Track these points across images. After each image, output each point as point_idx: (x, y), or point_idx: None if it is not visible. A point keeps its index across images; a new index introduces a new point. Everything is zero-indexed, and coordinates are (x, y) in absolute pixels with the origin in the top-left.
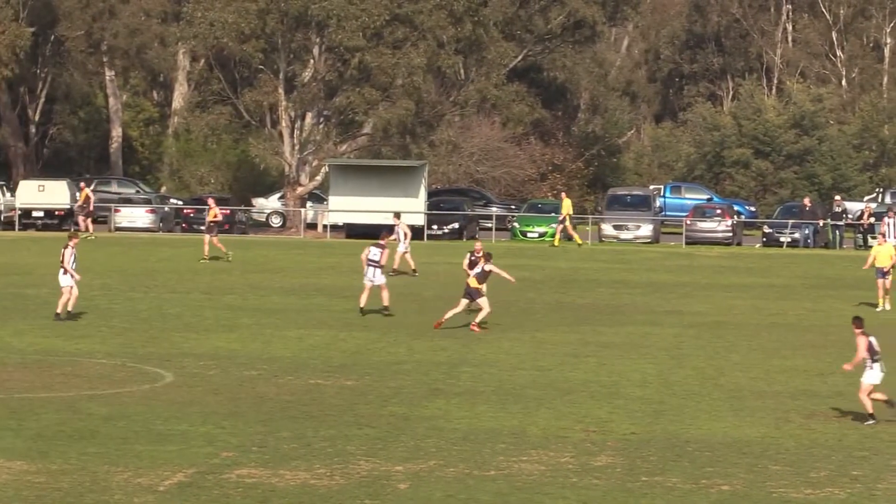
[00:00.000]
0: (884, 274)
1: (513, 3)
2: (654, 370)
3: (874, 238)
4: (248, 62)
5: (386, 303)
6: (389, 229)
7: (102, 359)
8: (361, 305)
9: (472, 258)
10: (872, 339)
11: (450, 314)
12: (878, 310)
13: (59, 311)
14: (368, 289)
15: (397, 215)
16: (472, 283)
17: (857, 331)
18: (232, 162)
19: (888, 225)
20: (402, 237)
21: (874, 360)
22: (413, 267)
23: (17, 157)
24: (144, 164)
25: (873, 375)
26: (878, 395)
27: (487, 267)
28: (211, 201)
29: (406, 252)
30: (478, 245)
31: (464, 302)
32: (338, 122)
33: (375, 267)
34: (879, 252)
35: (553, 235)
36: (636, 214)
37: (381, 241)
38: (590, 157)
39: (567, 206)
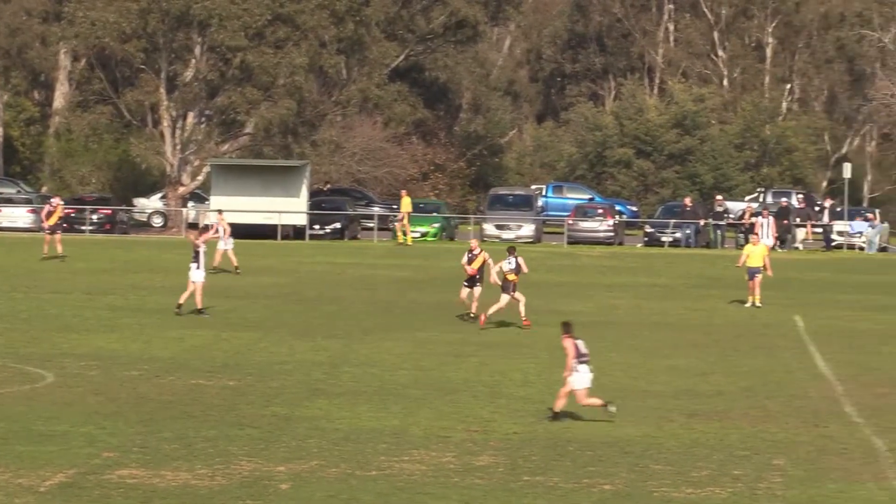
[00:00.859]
0: (755, 273)
1: (395, 3)
2: (536, 369)
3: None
4: (130, 62)
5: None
6: (206, 227)
7: None
8: (180, 302)
9: (470, 256)
10: (580, 342)
11: (493, 310)
12: (746, 305)
13: None
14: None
15: (220, 212)
16: (510, 276)
17: (565, 335)
18: (113, 162)
19: (762, 225)
20: (223, 234)
21: (581, 363)
22: (235, 265)
23: None
24: (25, 164)
25: (581, 378)
26: (594, 401)
27: (491, 261)
28: (56, 200)
29: (228, 249)
30: (473, 243)
31: (504, 297)
32: (219, 122)
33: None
34: (752, 252)
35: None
36: (518, 214)
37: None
38: (472, 157)
39: (406, 204)
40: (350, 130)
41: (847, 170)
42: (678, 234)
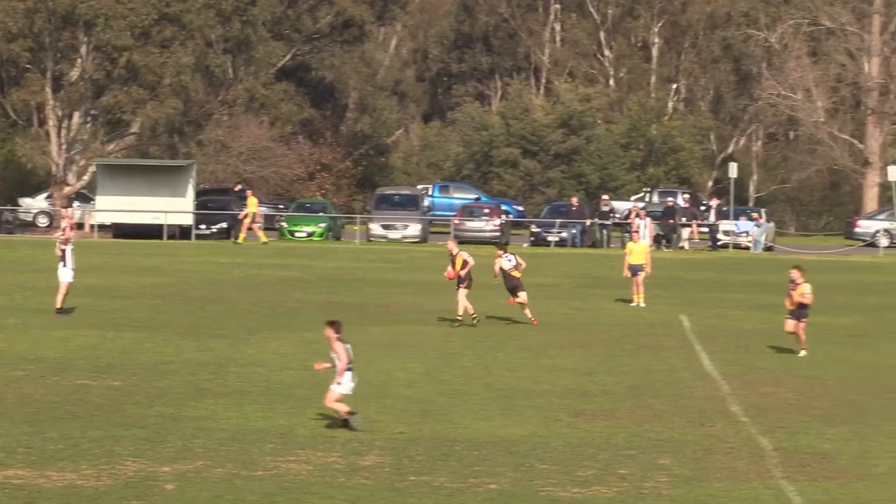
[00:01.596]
0: (638, 271)
1: (281, 3)
2: (422, 369)
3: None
4: (16, 61)
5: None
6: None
7: None
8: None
9: (453, 258)
10: (349, 346)
11: (528, 312)
12: (632, 304)
13: None
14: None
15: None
16: (515, 273)
17: (335, 336)
18: None
19: (639, 226)
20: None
21: (348, 370)
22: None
23: None
24: None
25: (346, 386)
26: (341, 407)
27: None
28: None
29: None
30: (450, 244)
31: (522, 294)
32: (105, 122)
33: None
34: (634, 250)
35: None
36: (404, 214)
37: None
38: (358, 157)
39: (252, 203)
40: (236, 130)
41: (733, 169)
42: (564, 234)
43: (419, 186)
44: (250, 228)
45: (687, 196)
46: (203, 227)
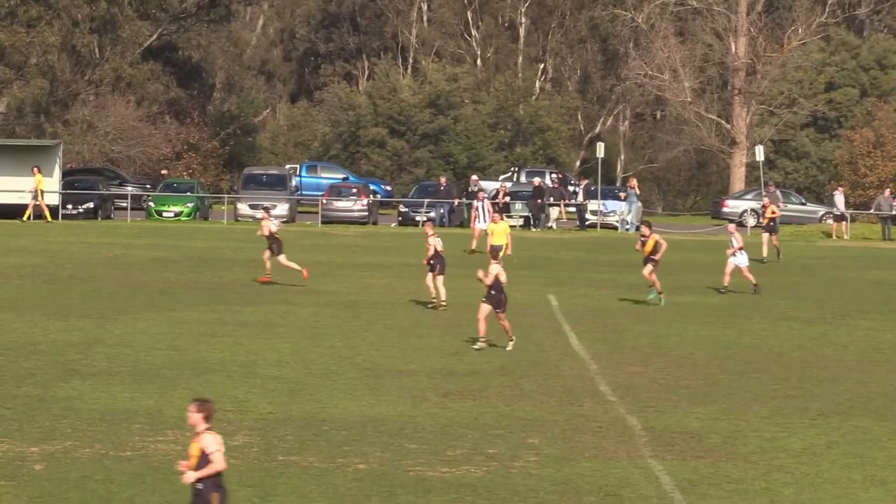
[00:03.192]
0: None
1: None
2: (291, 349)
3: (509, 217)
4: None
5: None
6: None
7: None
8: None
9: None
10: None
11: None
12: None
13: None
14: None
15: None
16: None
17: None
18: None
19: (478, 209)
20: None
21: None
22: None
23: None
24: None
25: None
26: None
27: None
28: None
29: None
30: (427, 228)
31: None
32: None
33: None
34: (495, 230)
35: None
36: (272, 194)
37: None
38: (225, 137)
39: (38, 180)
40: (103, 110)
41: (600, 149)
42: (432, 214)
43: (287, 166)
44: (38, 205)
45: (555, 176)
46: (70, 206)
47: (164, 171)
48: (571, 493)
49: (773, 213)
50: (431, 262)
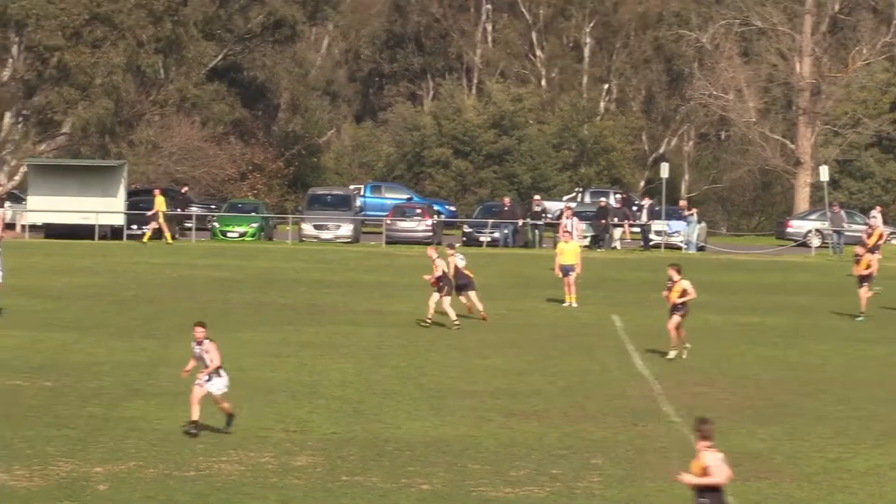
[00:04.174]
0: (569, 271)
1: (213, 3)
2: (355, 369)
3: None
4: None
5: None
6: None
7: None
8: None
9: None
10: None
11: (480, 307)
12: (564, 305)
13: None
14: None
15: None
16: (468, 272)
17: (205, 339)
18: None
19: (565, 226)
20: None
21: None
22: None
23: None
24: None
25: (223, 382)
26: (226, 405)
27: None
28: None
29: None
30: (430, 251)
31: (472, 294)
32: (37, 122)
33: None
34: (565, 250)
35: (255, 234)
36: (336, 214)
37: None
38: (290, 157)
39: (160, 203)
40: (168, 130)
41: (665, 169)
42: (496, 234)
43: (351, 187)
44: (158, 227)
45: (619, 196)
46: (135, 227)
47: (184, 189)
48: None
49: (881, 234)
50: (440, 283)
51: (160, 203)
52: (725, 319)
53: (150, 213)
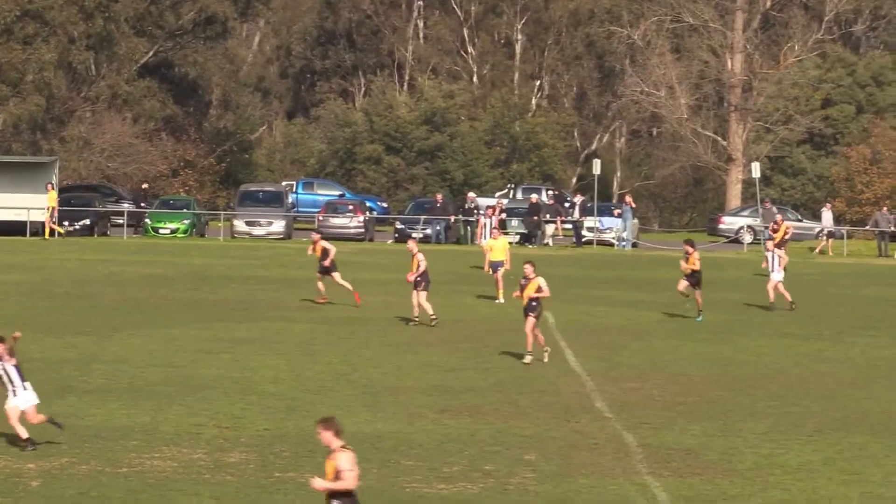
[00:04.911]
0: (498, 267)
1: None
2: (287, 366)
3: (506, 233)
4: None
5: None
6: None
7: None
8: None
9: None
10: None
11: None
12: (497, 301)
13: None
14: None
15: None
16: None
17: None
18: None
19: (484, 225)
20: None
21: (24, 382)
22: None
23: None
24: None
25: (28, 397)
26: (41, 417)
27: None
28: None
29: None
30: (410, 244)
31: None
32: None
33: None
34: (494, 246)
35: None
36: (268, 210)
37: None
38: (222, 153)
39: (52, 198)
40: (99, 127)
41: (597, 166)
42: (429, 231)
43: (283, 183)
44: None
45: (551, 193)
46: (66, 223)
47: (144, 185)
48: None
49: (787, 229)
50: (418, 278)
51: (52, 198)
52: (657, 316)
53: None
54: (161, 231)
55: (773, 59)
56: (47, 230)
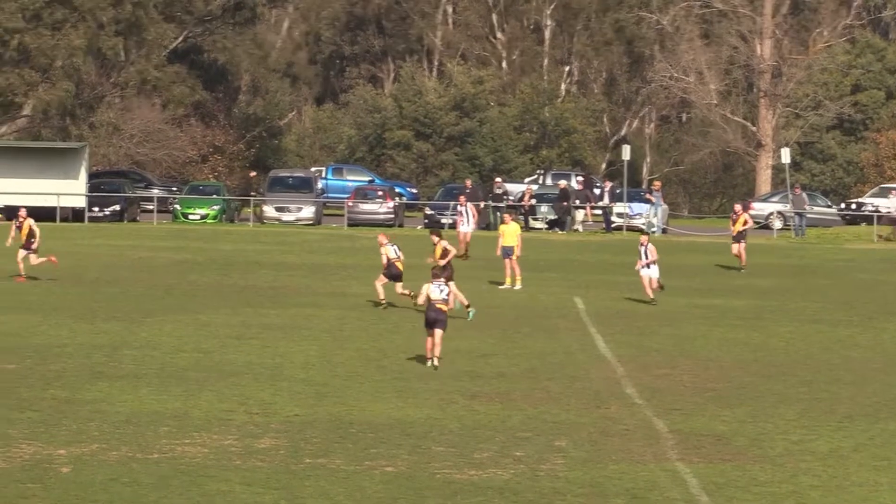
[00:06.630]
0: (509, 253)
1: None
2: (318, 352)
3: (535, 219)
4: None
5: None
6: None
7: None
8: None
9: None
10: None
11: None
12: (501, 287)
13: None
14: None
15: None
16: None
17: None
18: None
19: (462, 213)
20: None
21: None
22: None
23: None
24: None
25: None
26: None
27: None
28: None
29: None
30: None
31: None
32: None
33: None
34: (506, 231)
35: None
36: (298, 196)
37: None
38: (251, 139)
39: None
40: (129, 112)
41: (626, 152)
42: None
43: (312, 169)
44: None
45: (580, 178)
46: (96, 209)
47: (252, 174)
48: (598, 495)
49: (746, 222)
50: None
51: None
52: (687, 302)
53: None
54: (190, 217)
55: (802, 44)
56: None
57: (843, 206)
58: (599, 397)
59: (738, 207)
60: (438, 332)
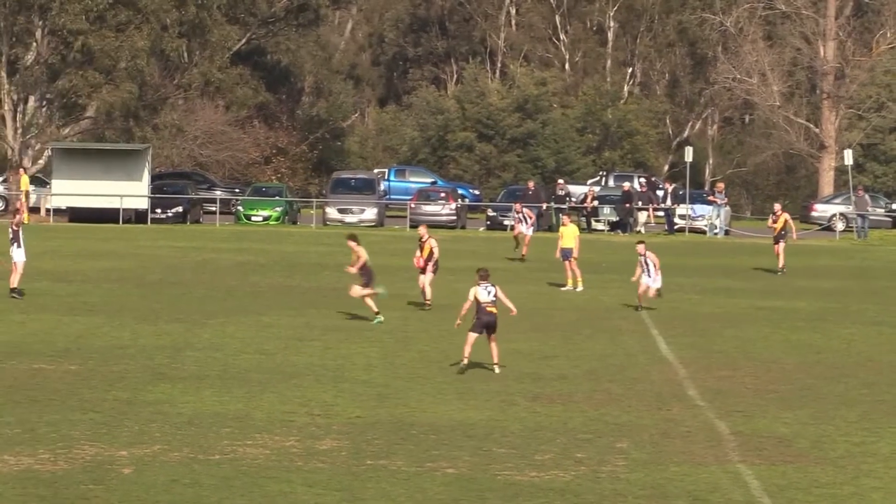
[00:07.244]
0: (568, 255)
1: None
2: (379, 353)
3: (598, 221)
4: None
5: None
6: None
7: None
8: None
9: (422, 243)
10: None
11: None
12: (563, 289)
13: None
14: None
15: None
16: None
17: None
18: None
19: (521, 220)
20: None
21: None
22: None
23: None
24: None
25: None
26: None
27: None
28: None
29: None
30: (422, 230)
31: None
32: (61, 106)
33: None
34: (565, 233)
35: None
36: (360, 198)
37: None
38: (314, 141)
39: (24, 182)
40: (192, 114)
41: (689, 153)
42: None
43: (375, 170)
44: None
45: (643, 180)
46: (159, 211)
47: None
48: (660, 497)
49: (787, 221)
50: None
51: (25, 182)
52: (750, 303)
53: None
54: (254, 218)
55: (865, 46)
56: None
57: None
58: (661, 399)
59: (777, 207)
60: (493, 336)
